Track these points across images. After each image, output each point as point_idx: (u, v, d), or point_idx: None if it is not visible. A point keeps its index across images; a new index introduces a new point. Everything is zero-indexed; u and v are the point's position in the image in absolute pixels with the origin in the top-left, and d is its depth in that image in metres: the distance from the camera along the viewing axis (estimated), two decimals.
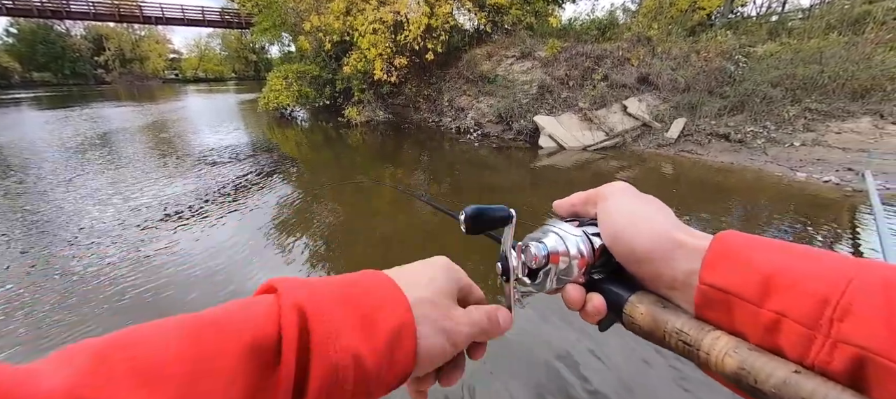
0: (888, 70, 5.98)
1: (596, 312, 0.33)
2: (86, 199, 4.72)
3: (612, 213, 0.34)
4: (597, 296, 0.33)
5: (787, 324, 0.23)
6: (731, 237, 0.27)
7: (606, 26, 10.10)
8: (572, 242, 0.34)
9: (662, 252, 0.29)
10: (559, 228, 0.36)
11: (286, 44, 18.32)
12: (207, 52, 57.59)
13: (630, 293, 0.32)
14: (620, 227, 0.32)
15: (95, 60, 44.23)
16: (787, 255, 0.25)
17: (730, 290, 0.25)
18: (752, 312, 0.24)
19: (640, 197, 0.35)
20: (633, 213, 0.32)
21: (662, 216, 0.32)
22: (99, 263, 3.18)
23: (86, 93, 27.42)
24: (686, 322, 0.28)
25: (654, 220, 0.31)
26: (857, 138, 5.56)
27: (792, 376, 0.22)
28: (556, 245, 0.34)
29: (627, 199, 0.34)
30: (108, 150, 7.66)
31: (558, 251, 0.34)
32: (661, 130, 6.99)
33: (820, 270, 0.23)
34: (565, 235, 0.35)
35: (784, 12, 13.21)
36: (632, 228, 0.31)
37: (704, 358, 0.26)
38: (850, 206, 4.22)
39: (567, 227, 0.35)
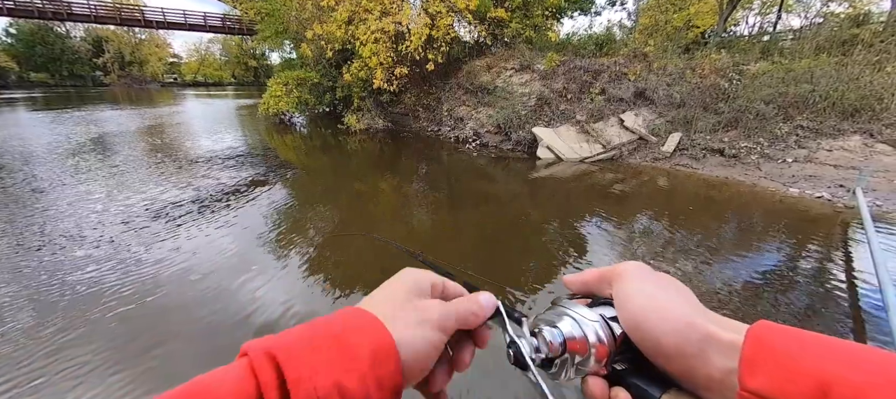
0: (876, 91, 6.15)
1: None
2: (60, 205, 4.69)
3: (630, 299, 0.31)
4: (623, 392, 0.31)
5: None
6: (766, 332, 0.25)
7: (604, 42, 10.31)
8: (590, 329, 0.31)
9: (692, 347, 0.27)
10: (574, 311, 0.33)
11: (288, 51, 18.46)
12: (208, 56, 57.78)
13: (660, 390, 0.29)
14: (641, 315, 0.30)
15: (94, 62, 44.16)
16: (843, 362, 0.22)
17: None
18: None
19: (657, 278, 0.33)
20: (652, 301, 0.30)
21: (684, 302, 0.30)
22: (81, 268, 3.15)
23: (83, 95, 27.34)
24: None
25: (676, 307, 0.29)
26: (848, 156, 5.69)
27: None
28: (571, 331, 0.32)
29: (643, 283, 0.32)
30: (101, 157, 7.63)
31: (575, 338, 0.31)
32: (657, 144, 7.09)
33: (889, 383, 0.21)
34: (582, 320, 0.32)
35: (775, 33, 13.58)
36: (654, 317, 0.29)
37: None
38: (841, 222, 4.29)
39: (582, 310, 0.33)
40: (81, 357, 2.18)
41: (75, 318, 2.50)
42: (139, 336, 2.35)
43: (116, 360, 2.16)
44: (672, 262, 3.43)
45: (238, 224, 4.13)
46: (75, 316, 2.52)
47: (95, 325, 2.45)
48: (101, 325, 2.45)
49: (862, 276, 3.13)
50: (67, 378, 2.04)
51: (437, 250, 3.76)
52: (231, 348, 1.83)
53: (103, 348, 2.25)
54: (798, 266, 3.38)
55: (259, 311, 2.63)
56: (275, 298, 2.77)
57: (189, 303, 2.70)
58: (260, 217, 4.36)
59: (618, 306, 0.32)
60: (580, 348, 0.31)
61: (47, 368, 2.10)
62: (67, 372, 2.08)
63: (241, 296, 2.79)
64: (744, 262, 3.42)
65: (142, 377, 2.06)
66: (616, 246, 3.81)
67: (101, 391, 1.97)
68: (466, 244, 3.89)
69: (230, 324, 2.49)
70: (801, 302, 2.80)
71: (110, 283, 2.89)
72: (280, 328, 2.55)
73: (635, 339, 0.31)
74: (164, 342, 2.31)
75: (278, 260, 3.35)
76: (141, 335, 2.36)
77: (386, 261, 3.48)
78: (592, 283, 0.36)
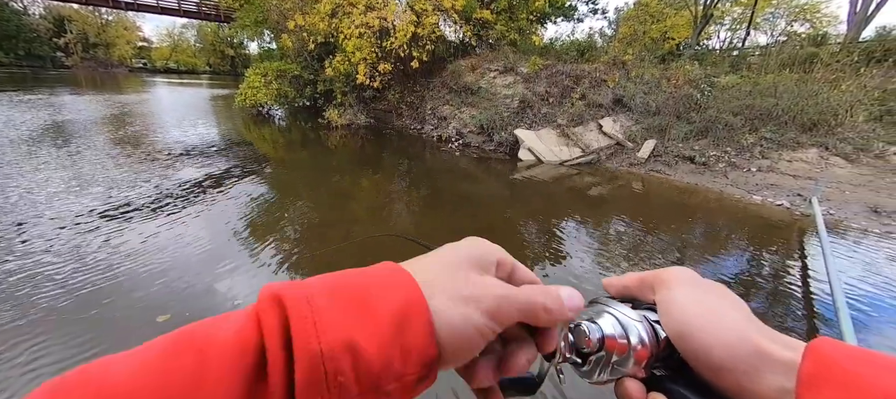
0: (832, 107, 6.59)
1: None
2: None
3: (679, 305, 0.29)
4: (660, 397, 0.28)
5: None
6: (827, 348, 0.23)
7: (585, 48, 10.56)
8: (633, 329, 0.29)
9: (745, 364, 0.25)
10: (616, 309, 0.31)
11: (267, 41, 17.91)
12: (181, 42, 55.28)
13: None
14: (691, 325, 0.28)
15: (55, 43, 41.38)
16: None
17: None
18: None
19: (708, 287, 0.30)
20: (703, 309, 0.28)
21: (739, 315, 0.28)
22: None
23: (41, 77, 25.54)
24: None
25: (728, 319, 0.27)
26: (806, 167, 6.07)
27: None
28: (613, 329, 0.30)
29: (694, 290, 0.30)
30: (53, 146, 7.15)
31: (615, 336, 0.29)
32: (634, 150, 7.34)
33: None
34: (624, 319, 0.30)
35: (744, 48, 14.33)
36: (705, 329, 0.27)
37: None
38: (798, 229, 4.58)
39: (625, 310, 0.31)
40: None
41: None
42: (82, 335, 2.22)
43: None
44: (645, 261, 3.56)
45: (207, 222, 3.97)
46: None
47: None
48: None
49: (816, 281, 3.34)
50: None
51: (416, 249, 3.75)
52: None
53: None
54: (759, 270, 3.58)
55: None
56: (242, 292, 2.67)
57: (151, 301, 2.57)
58: (233, 213, 4.20)
59: (662, 312, 0.30)
60: (619, 348, 0.29)
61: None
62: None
63: (211, 296, 2.68)
64: (710, 264, 3.59)
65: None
66: (592, 247, 3.91)
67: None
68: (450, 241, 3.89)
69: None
70: (760, 304, 2.97)
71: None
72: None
73: (680, 348, 0.28)
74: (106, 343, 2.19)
75: (249, 257, 3.24)
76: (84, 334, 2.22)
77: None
78: (634, 288, 0.33)
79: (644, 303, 0.32)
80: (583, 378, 0.31)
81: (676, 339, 0.29)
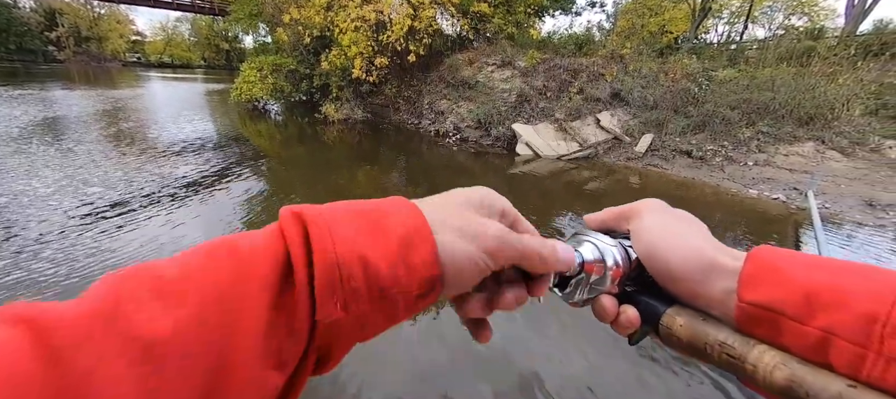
0: (829, 100, 6.61)
1: (629, 324, 0.33)
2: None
3: (647, 230, 0.33)
4: (630, 308, 0.33)
5: (837, 341, 0.23)
6: (766, 253, 0.28)
7: (583, 42, 10.52)
8: (609, 253, 0.33)
9: (699, 272, 0.30)
10: (594, 238, 0.35)
11: (263, 34, 17.71)
12: (175, 36, 54.61)
13: (665, 306, 0.32)
14: (655, 245, 0.32)
15: (46, 36, 40.73)
16: (827, 272, 0.25)
17: (771, 307, 0.26)
18: (797, 330, 0.24)
19: (674, 213, 0.35)
20: (667, 231, 0.33)
21: (696, 234, 0.32)
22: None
23: (33, 71, 25.19)
24: (730, 335, 0.27)
25: (689, 238, 0.32)
26: (802, 161, 6.09)
27: (847, 391, 0.22)
28: (591, 254, 0.33)
29: (661, 215, 0.34)
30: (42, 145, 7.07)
31: (594, 260, 0.33)
32: (631, 144, 7.34)
33: (862, 286, 0.23)
34: (602, 245, 0.34)
35: (741, 42, 14.31)
36: (667, 247, 0.32)
37: (751, 371, 0.26)
38: (794, 223, 4.60)
39: (602, 237, 0.35)
40: None
41: None
42: None
43: None
44: None
45: (203, 216, 3.94)
46: None
47: None
48: None
49: None
50: None
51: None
52: None
53: None
54: None
55: None
56: None
57: None
58: (229, 209, 4.17)
59: (634, 238, 0.34)
60: (597, 270, 0.33)
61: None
62: None
63: None
64: None
65: None
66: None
67: None
68: None
69: None
70: None
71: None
72: None
73: (648, 265, 0.33)
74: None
75: None
76: None
77: None
78: (611, 221, 0.37)
79: (620, 233, 0.37)
80: (564, 301, 0.35)
81: (645, 259, 0.33)
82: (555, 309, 2.43)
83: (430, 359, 2.14)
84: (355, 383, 1.94)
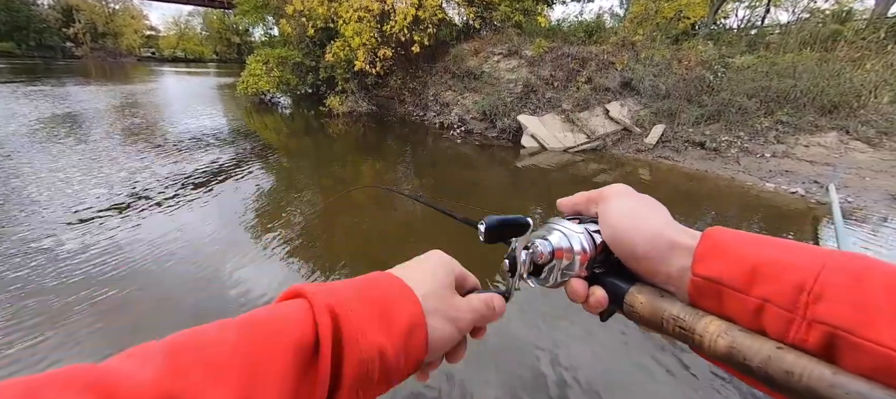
0: (855, 87, 6.22)
1: (598, 304, 0.36)
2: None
3: (613, 213, 0.36)
4: (599, 288, 0.36)
5: (770, 308, 0.26)
6: (718, 233, 0.31)
7: (593, 29, 10.14)
8: (576, 239, 0.36)
9: (659, 252, 0.32)
10: (562, 226, 0.38)
11: (270, 27, 17.72)
12: (187, 31, 55.26)
13: (630, 285, 0.34)
14: (620, 227, 0.35)
15: (64, 33, 41.70)
16: (770, 248, 0.28)
17: (720, 280, 0.28)
18: (740, 299, 0.27)
19: (638, 198, 0.37)
20: (631, 215, 0.35)
21: (658, 217, 0.34)
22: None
23: (52, 67, 25.82)
24: (682, 309, 0.30)
25: (651, 221, 0.34)
26: (824, 152, 5.77)
27: (775, 352, 0.24)
28: (560, 242, 0.36)
29: (626, 200, 0.37)
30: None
31: (563, 248, 0.36)
32: (641, 136, 7.08)
33: (797, 260, 0.26)
34: (569, 233, 0.37)
35: (763, 26, 13.64)
36: (631, 229, 0.34)
37: (699, 341, 0.28)
38: (813, 218, 4.36)
39: (570, 225, 0.37)
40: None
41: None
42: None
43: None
44: None
45: (220, 215, 3.94)
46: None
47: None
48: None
49: None
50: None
51: (421, 234, 3.70)
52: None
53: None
54: None
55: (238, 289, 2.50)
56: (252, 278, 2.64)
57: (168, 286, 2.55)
58: (237, 205, 4.17)
59: (601, 221, 0.37)
60: (566, 256, 0.36)
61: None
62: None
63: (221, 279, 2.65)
64: None
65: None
66: None
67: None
68: (450, 231, 3.85)
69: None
70: None
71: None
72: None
73: (613, 247, 0.36)
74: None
75: (253, 241, 3.20)
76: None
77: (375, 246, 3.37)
78: (581, 204, 0.40)
79: (588, 217, 0.39)
80: (540, 285, 0.39)
81: (610, 241, 0.36)
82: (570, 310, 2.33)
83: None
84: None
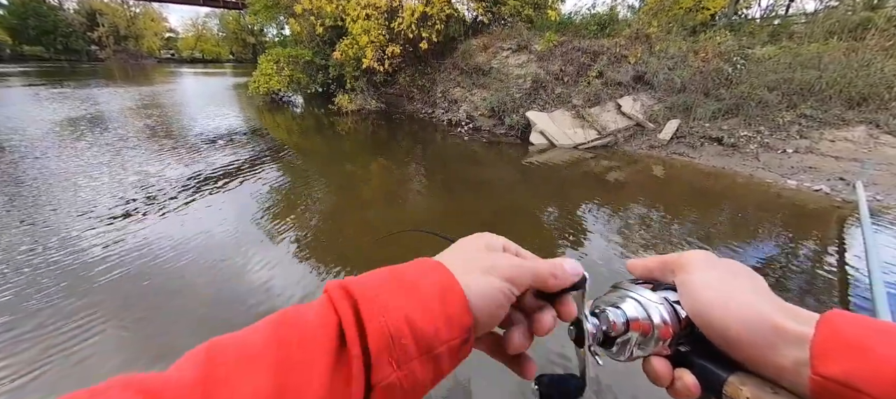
0: (886, 78, 5.85)
1: (687, 392, 0.30)
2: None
3: (697, 288, 0.31)
4: (687, 373, 0.31)
5: None
6: (838, 320, 0.26)
7: (606, 22, 9.87)
8: (655, 310, 0.32)
9: (762, 338, 0.27)
10: (637, 293, 0.33)
11: (282, 26, 17.94)
12: (204, 32, 56.55)
13: (726, 372, 0.29)
14: (708, 306, 0.30)
15: (89, 36, 43.24)
16: None
17: (853, 385, 0.23)
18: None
19: (725, 268, 0.32)
20: (719, 289, 0.30)
21: (754, 293, 0.30)
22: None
23: (77, 70, 26.84)
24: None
25: (746, 299, 0.29)
26: (851, 147, 5.46)
27: None
28: (636, 312, 0.32)
29: (712, 272, 0.32)
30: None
31: (639, 319, 0.32)
32: (654, 131, 6.85)
33: None
34: (646, 302, 0.32)
35: (787, 15, 13.02)
36: (722, 309, 0.29)
37: None
38: (838, 218, 4.12)
39: (645, 292, 0.33)
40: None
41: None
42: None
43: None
44: (666, 252, 3.29)
45: (237, 213, 4.00)
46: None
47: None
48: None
49: (855, 275, 2.98)
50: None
51: (437, 241, 3.66)
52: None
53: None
54: (788, 263, 3.24)
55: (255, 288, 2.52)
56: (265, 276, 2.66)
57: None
58: (249, 202, 4.22)
59: (681, 294, 0.32)
60: (643, 328, 0.31)
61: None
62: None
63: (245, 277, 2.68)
64: (735, 255, 3.28)
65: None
66: (610, 235, 3.67)
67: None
68: (463, 229, 3.82)
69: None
70: (789, 300, 2.67)
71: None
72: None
73: (701, 327, 0.31)
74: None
75: (261, 242, 3.23)
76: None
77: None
78: (655, 270, 0.36)
79: (664, 284, 0.34)
80: (614, 359, 0.34)
81: (696, 319, 0.31)
82: None
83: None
84: None
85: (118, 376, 0.22)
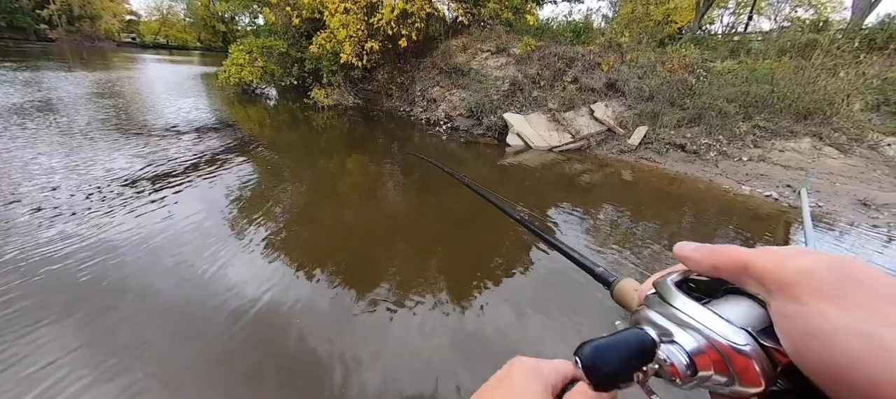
0: (829, 95, 6.41)
1: None
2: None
3: (826, 331, 0.20)
4: None
5: None
6: None
7: (581, 30, 10.21)
8: (723, 339, 0.22)
9: None
10: (696, 318, 0.24)
11: (256, 15, 17.27)
12: (170, 16, 53.46)
13: None
14: (849, 361, 0.19)
15: (38, 14, 39.81)
16: None
17: None
18: None
19: (874, 291, 0.20)
20: (874, 338, 0.19)
21: None
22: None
23: (23, 50, 24.63)
24: None
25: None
26: (798, 157, 5.94)
27: None
28: (698, 345, 0.23)
29: (850, 302, 0.20)
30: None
31: (703, 351, 0.23)
32: (624, 137, 7.16)
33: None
34: (711, 332, 0.23)
35: (746, 33, 13.98)
36: (881, 369, 0.18)
37: None
38: (784, 222, 4.48)
39: (707, 316, 0.23)
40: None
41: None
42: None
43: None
44: (633, 251, 3.45)
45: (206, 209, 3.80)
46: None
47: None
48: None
49: None
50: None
51: (407, 231, 3.67)
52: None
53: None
54: None
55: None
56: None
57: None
58: (221, 191, 4.03)
59: (788, 333, 0.21)
60: (716, 366, 0.23)
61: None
62: None
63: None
64: None
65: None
66: (580, 235, 3.80)
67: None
68: (435, 226, 3.86)
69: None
70: None
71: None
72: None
73: (825, 388, 0.20)
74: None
75: (233, 234, 3.09)
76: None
77: (361, 241, 3.30)
78: (725, 270, 0.25)
79: (732, 287, 0.25)
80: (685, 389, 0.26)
81: (817, 378, 0.20)
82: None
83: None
84: (373, 382, 1.83)
85: None
